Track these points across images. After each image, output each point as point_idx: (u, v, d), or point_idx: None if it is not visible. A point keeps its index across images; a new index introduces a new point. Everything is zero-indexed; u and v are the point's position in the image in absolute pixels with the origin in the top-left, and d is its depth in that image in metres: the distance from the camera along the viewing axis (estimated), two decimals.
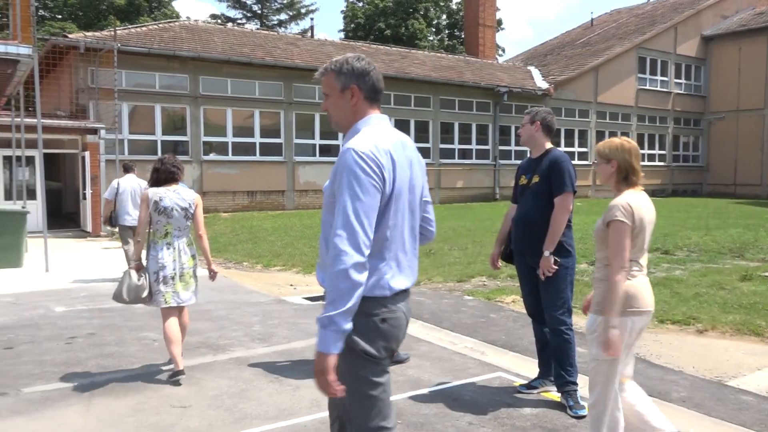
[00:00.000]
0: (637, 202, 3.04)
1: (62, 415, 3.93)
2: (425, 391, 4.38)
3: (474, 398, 4.24)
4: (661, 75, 29.86)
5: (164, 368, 4.87)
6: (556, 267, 3.96)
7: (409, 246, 2.29)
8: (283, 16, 44.86)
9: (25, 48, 9.69)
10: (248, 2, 43.57)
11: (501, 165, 25.05)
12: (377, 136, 2.20)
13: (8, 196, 15.12)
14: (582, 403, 3.96)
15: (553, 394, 4.22)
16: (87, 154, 15.88)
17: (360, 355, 2.14)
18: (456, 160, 24.09)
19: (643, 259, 3.13)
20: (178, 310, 4.82)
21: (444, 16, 46.52)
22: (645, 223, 3.06)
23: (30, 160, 14.87)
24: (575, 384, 4.04)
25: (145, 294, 4.63)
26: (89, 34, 18.51)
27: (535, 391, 4.32)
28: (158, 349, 5.40)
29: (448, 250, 11.30)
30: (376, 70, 2.33)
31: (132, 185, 8.55)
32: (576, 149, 26.93)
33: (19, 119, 12.94)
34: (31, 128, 12.12)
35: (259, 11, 44.08)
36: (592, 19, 36.58)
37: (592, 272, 8.72)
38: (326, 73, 2.32)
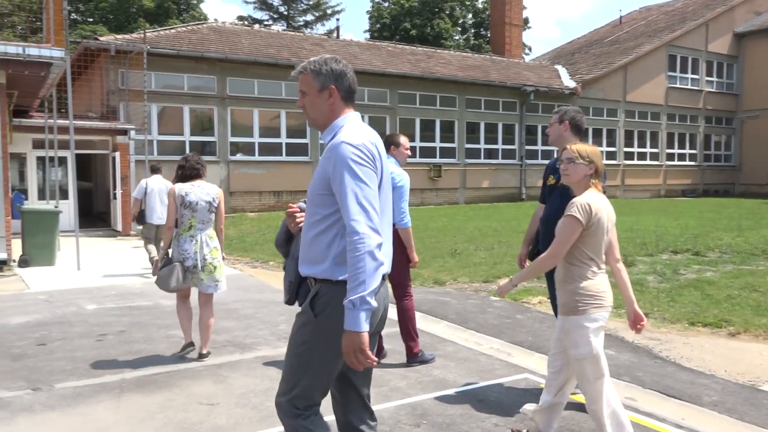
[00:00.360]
0: (597, 203, 3.17)
1: (93, 411, 4.00)
2: (451, 391, 4.36)
3: (500, 399, 4.21)
4: (692, 73, 29.32)
5: (191, 366, 4.93)
6: None
7: (387, 233, 2.41)
8: (309, 17, 45.13)
9: (58, 51, 9.89)
10: (274, 4, 43.92)
11: (527, 165, 24.85)
12: (363, 132, 2.33)
13: (41, 196, 15.47)
14: None
15: (580, 397, 4.17)
16: (117, 154, 16.16)
17: (330, 335, 2.24)
18: (482, 160, 23.96)
19: (601, 257, 3.26)
20: (201, 299, 5.14)
21: (470, 16, 46.31)
22: (603, 222, 3.17)
23: (62, 161, 15.19)
24: None
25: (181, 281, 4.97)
26: (119, 36, 18.83)
27: None
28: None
29: (473, 250, 11.24)
30: (352, 72, 2.47)
31: (159, 185, 8.73)
32: (604, 149, 26.58)
33: (52, 121, 13.23)
34: (63, 129, 12.38)
35: (286, 12, 44.39)
36: (621, 17, 36.06)
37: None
38: (305, 72, 2.41)
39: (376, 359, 2.17)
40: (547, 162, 4.70)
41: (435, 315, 6.60)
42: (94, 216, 20.40)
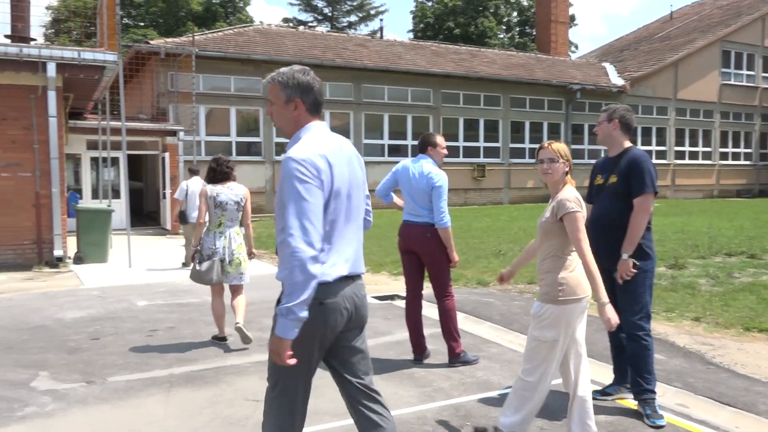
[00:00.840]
0: (579, 196, 3.36)
1: (144, 404, 4.11)
2: (494, 393, 4.32)
3: (545, 403, 4.14)
4: (747, 69, 28.31)
5: (238, 363, 5.02)
6: (634, 271, 3.82)
7: (352, 237, 2.51)
8: (352, 18, 45.40)
9: (111, 55, 10.21)
10: (319, 5, 44.33)
11: (573, 164, 24.40)
12: (315, 143, 2.41)
13: (95, 195, 15.99)
14: (660, 412, 3.81)
15: (629, 402, 4.08)
16: (167, 155, 16.57)
17: (306, 335, 2.36)
18: (526, 160, 23.67)
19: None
20: (232, 289, 5.59)
21: (515, 14, 45.81)
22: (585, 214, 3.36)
23: (115, 161, 15.66)
24: (653, 392, 3.88)
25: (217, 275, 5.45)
26: (169, 40, 19.32)
27: (609, 398, 4.18)
28: (232, 342, 5.57)
29: (518, 251, 11.11)
30: (319, 84, 2.56)
31: (198, 187, 8.98)
32: (654, 148, 25.93)
33: (105, 122, 13.66)
34: (115, 131, 12.77)
35: (330, 14, 44.76)
36: (672, 12, 35.08)
37: (671, 276, 8.37)
38: (272, 83, 2.51)
39: (292, 362, 2.32)
40: (594, 161, 4.60)
41: (478, 316, 6.54)
42: (145, 215, 20.97)
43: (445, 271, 4.99)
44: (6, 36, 11.36)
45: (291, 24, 42.03)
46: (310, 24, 43.98)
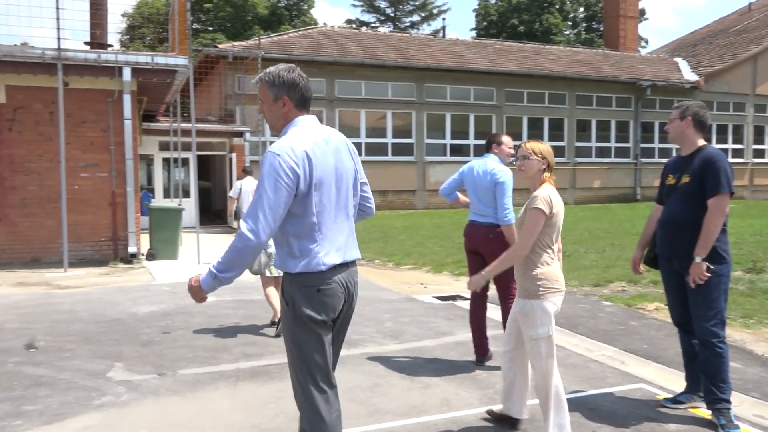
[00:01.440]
0: (555, 196, 3.49)
1: (212, 398, 4.25)
2: None
3: (613, 409, 4.03)
4: None
5: None
6: (708, 275, 3.66)
7: (343, 225, 2.65)
8: (415, 18, 45.41)
9: (182, 59, 10.59)
10: (381, 6, 44.55)
11: (642, 164, 23.63)
12: (298, 138, 2.54)
13: (166, 195, 16.62)
14: (735, 422, 3.63)
15: (702, 411, 3.91)
16: (234, 155, 17.04)
17: (304, 320, 2.56)
18: (593, 159, 23.06)
19: (554, 246, 3.56)
20: (276, 281, 5.99)
21: (581, 9, 44.66)
22: (560, 214, 3.50)
23: (185, 162, 16.23)
24: (728, 402, 3.70)
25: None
26: (236, 44, 19.86)
27: (681, 407, 4.02)
28: None
29: (583, 252, 10.84)
30: (306, 80, 2.68)
31: (251, 186, 9.21)
32: (730, 146, 24.76)
33: (176, 124, 14.18)
34: (186, 132, 13.24)
35: (392, 14, 44.91)
36: (750, 4, 33.35)
37: (749, 280, 7.97)
38: (260, 83, 2.67)
39: (204, 300, 2.65)
40: (665, 161, 4.43)
41: None
42: (213, 213, 21.62)
43: (509, 272, 4.91)
44: (85, 43, 11.96)
45: (354, 25, 42.42)
46: (373, 25, 44.27)
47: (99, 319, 6.54)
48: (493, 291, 5.02)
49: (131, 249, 10.61)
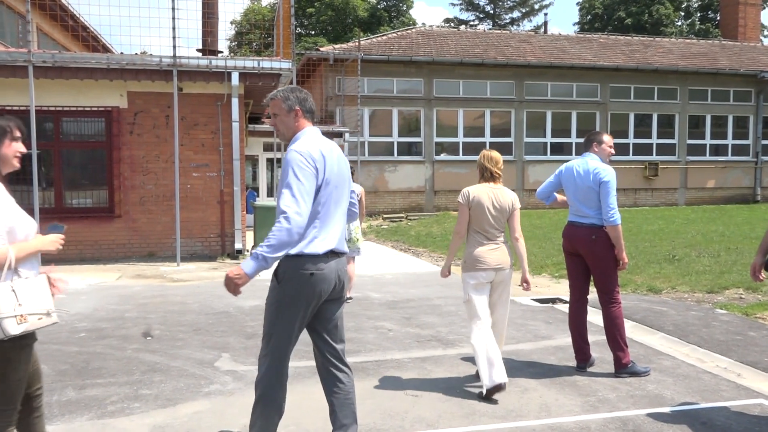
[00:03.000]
0: (476, 190, 4.44)
1: (310, 391, 4.36)
2: (667, 409, 4.01)
3: (727, 425, 3.77)
4: None
5: (398, 357, 5.15)
6: None
7: (339, 220, 3.07)
8: (515, 14, 44.50)
9: (286, 63, 10.98)
10: (480, 3, 44.02)
11: (764, 162, 21.90)
12: (312, 142, 3.00)
13: (270, 194, 17.33)
14: None
15: None
16: None
17: (287, 300, 2.96)
18: (707, 157, 21.64)
19: (490, 233, 4.41)
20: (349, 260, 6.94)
21: None
22: (482, 204, 4.37)
23: None
24: None
25: None
26: (337, 46, 20.32)
27: None
28: (393, 338, 5.73)
29: (695, 256, 10.20)
30: (310, 95, 3.17)
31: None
32: None
33: None
34: None
35: (492, 11, 44.26)
36: None
37: None
38: (275, 99, 3.11)
39: (239, 293, 2.87)
40: None
41: (649, 325, 6.11)
42: None
43: (612, 275, 4.72)
44: (198, 50, 12.68)
45: (452, 24, 42.22)
46: (472, 23, 43.84)
47: (207, 311, 6.91)
48: (593, 295, 4.83)
49: (237, 245, 11.13)
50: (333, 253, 3.00)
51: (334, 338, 3.16)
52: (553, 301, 7.51)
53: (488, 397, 4.15)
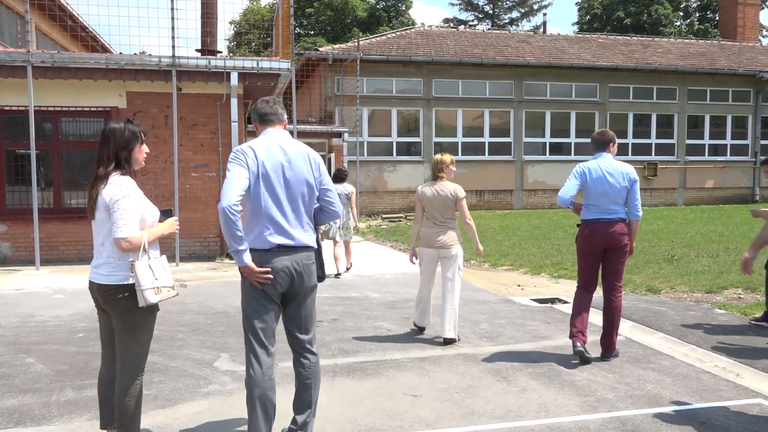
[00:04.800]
0: (424, 188, 5.71)
1: None
2: (666, 409, 4.01)
3: (726, 425, 3.77)
4: None
5: (397, 357, 5.15)
6: None
7: (290, 214, 3.23)
8: (514, 14, 44.52)
9: (285, 63, 10.97)
10: (479, 3, 44.02)
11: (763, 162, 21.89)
12: (253, 141, 3.29)
13: None
14: None
15: None
16: (333, 155, 17.45)
17: (250, 290, 3.22)
18: (705, 157, 21.68)
19: (437, 219, 5.62)
20: (344, 243, 9.34)
21: None
22: (426, 197, 5.63)
23: None
24: None
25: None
26: (336, 46, 20.32)
27: None
28: (392, 338, 5.73)
29: (694, 256, 10.21)
30: (272, 99, 3.48)
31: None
32: None
33: None
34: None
35: (491, 11, 44.26)
36: None
37: None
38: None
39: (267, 278, 3.15)
40: None
41: (648, 325, 6.11)
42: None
43: (623, 267, 5.12)
44: (197, 50, 12.67)
45: (451, 24, 42.22)
46: (471, 23, 43.84)
47: (207, 311, 6.91)
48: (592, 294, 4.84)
49: None
50: (282, 248, 3.18)
51: (302, 326, 3.38)
52: (552, 301, 7.51)
53: (416, 327, 5.97)
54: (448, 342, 5.48)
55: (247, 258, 3.10)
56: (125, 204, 3.05)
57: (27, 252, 10.34)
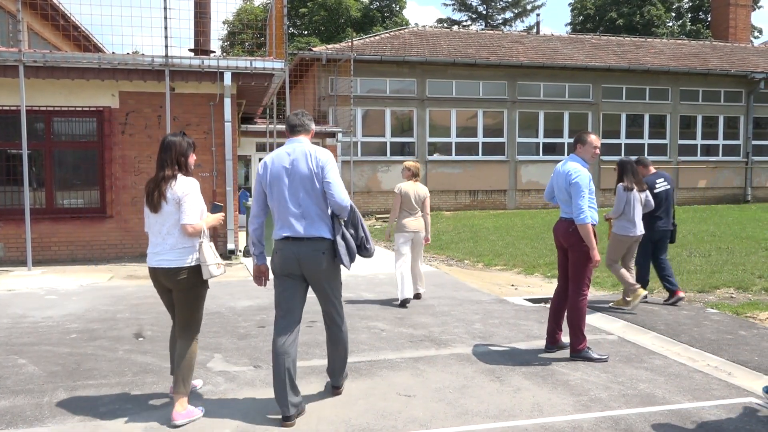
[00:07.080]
0: (403, 185, 7.16)
1: (303, 392, 4.35)
2: (659, 408, 4.03)
3: (719, 424, 3.79)
4: None
5: (390, 357, 5.15)
6: None
7: (295, 211, 3.85)
8: (507, 15, 44.60)
9: (279, 63, 10.95)
10: (473, 4, 44.08)
11: (755, 162, 22.06)
12: (272, 152, 3.97)
13: None
14: None
15: None
16: None
17: (273, 269, 3.98)
18: (698, 158, 21.78)
19: (413, 210, 7.18)
20: None
21: None
22: (407, 194, 7.10)
23: None
24: None
25: None
26: (330, 46, 20.30)
27: None
28: (386, 338, 5.73)
29: (686, 256, 10.26)
30: (299, 112, 4.09)
31: None
32: None
33: (272, 126, 14.68)
34: (281, 133, 13.65)
35: (484, 12, 44.34)
36: None
37: None
38: None
39: (269, 279, 4.12)
40: None
41: (641, 325, 6.14)
42: None
43: (583, 270, 5.05)
44: (190, 50, 12.63)
45: (445, 24, 42.26)
46: (464, 23, 43.89)
47: None
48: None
49: (230, 246, 11.09)
50: (288, 239, 3.86)
51: (323, 303, 4.06)
52: (546, 300, 7.52)
53: (402, 305, 7.00)
54: (416, 296, 7.39)
55: (258, 260, 4.11)
56: (192, 197, 3.83)
57: (19, 252, 10.29)
